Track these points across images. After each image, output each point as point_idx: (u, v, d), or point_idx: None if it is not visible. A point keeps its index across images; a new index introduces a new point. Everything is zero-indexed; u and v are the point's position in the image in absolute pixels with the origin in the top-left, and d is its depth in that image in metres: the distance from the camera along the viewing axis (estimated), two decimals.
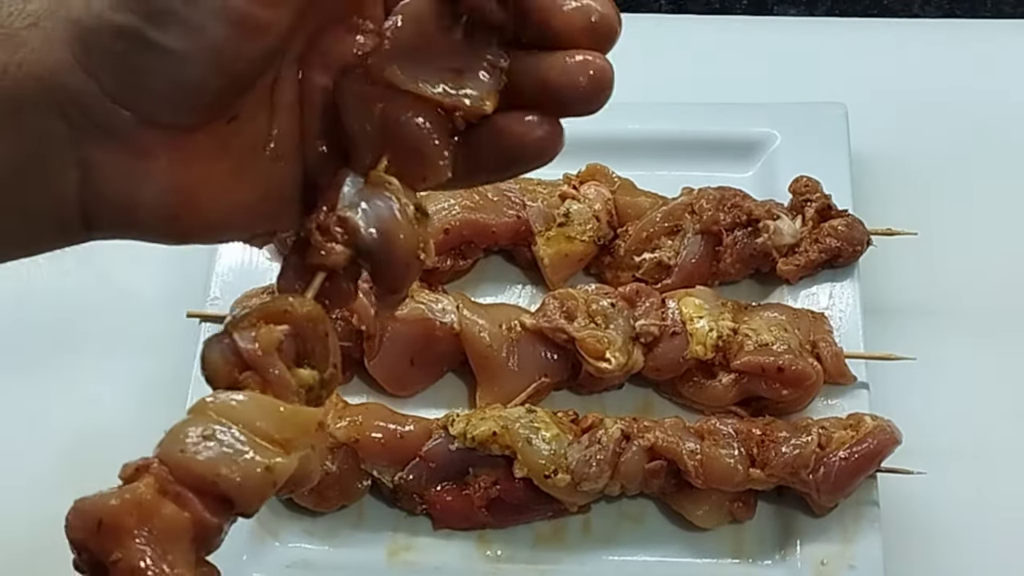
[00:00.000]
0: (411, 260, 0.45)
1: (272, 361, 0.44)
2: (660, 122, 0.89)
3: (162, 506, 0.41)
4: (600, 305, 0.78)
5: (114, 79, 0.42)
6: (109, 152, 0.43)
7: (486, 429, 0.74)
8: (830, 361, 0.77)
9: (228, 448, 0.42)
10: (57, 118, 0.42)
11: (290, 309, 0.44)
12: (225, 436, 0.42)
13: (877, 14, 1.04)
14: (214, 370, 0.45)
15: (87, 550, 0.41)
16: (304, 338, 0.45)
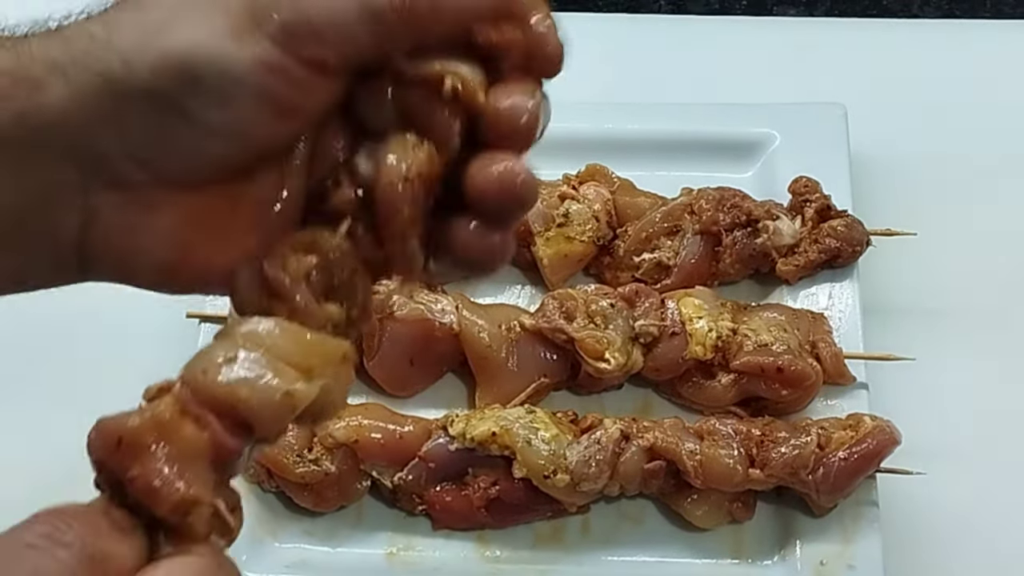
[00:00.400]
0: (401, 207, 0.44)
1: (300, 290, 0.43)
2: (659, 122, 0.89)
3: (182, 426, 0.41)
4: (599, 305, 0.78)
5: (139, 140, 0.41)
6: (116, 203, 0.43)
7: (485, 429, 0.74)
8: (829, 361, 0.77)
9: (249, 372, 0.41)
10: (70, 166, 0.42)
11: (319, 240, 0.44)
12: (248, 360, 0.42)
13: (876, 14, 1.03)
14: (242, 297, 0.44)
15: (106, 468, 0.41)
16: (332, 273, 0.44)
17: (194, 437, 0.41)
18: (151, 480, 0.40)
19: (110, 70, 0.40)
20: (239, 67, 0.40)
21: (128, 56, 0.40)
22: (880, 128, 0.91)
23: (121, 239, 0.43)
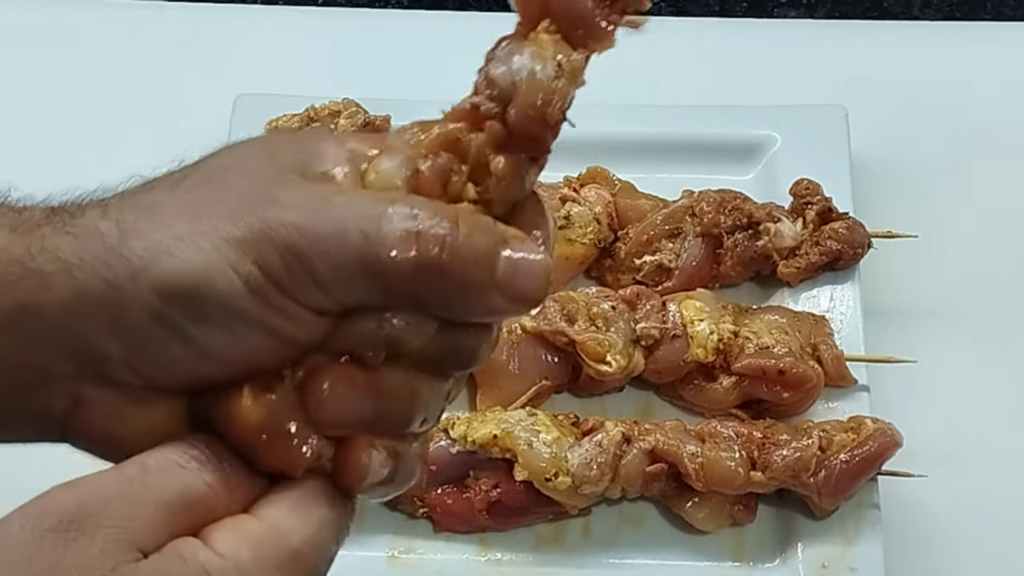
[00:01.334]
0: (535, 113, 0.45)
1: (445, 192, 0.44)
2: (660, 125, 0.89)
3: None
4: (601, 308, 0.78)
5: (137, 351, 0.41)
6: (106, 397, 0.43)
7: (487, 432, 0.74)
8: (831, 364, 0.77)
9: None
10: (66, 359, 0.42)
11: (460, 136, 0.45)
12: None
13: (877, 16, 1.03)
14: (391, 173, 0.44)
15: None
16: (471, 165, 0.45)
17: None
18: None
19: (117, 281, 0.41)
20: (242, 303, 0.40)
21: (136, 272, 0.40)
22: (881, 130, 0.91)
23: (107, 426, 0.44)
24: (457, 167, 0.45)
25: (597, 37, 0.46)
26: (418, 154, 0.44)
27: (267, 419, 0.41)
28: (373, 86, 0.88)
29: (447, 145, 0.45)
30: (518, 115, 0.45)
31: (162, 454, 0.41)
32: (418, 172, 0.44)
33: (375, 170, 0.44)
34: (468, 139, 0.45)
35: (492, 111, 0.45)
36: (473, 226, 0.42)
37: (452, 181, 0.44)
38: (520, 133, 0.45)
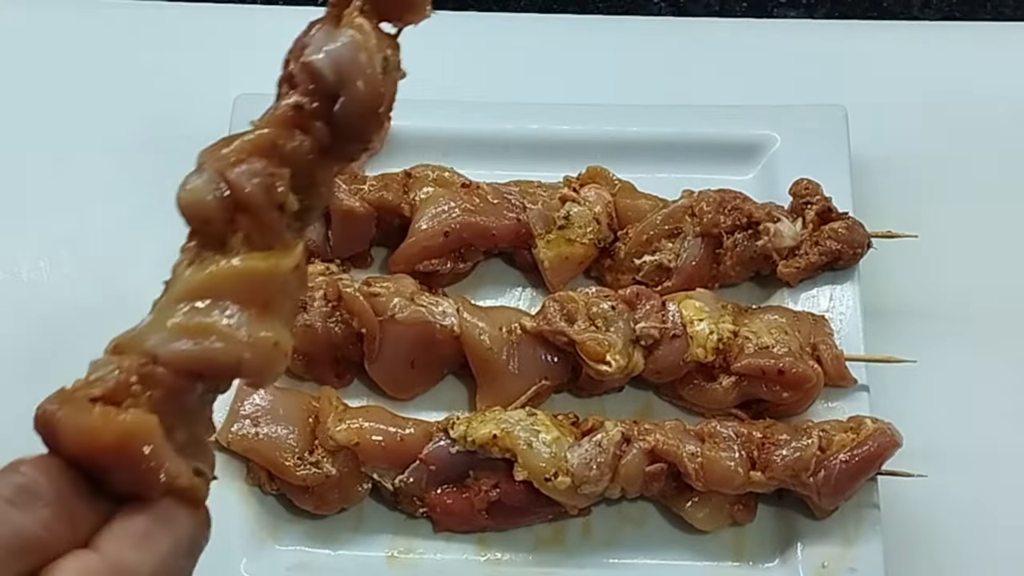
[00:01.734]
0: (368, 112, 0.43)
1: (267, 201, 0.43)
2: (660, 124, 0.89)
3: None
4: (600, 308, 0.78)
5: None
6: None
7: (486, 432, 0.74)
8: (830, 364, 0.77)
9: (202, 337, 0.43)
10: None
11: (279, 143, 0.43)
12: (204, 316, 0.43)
13: (877, 16, 1.03)
14: (205, 212, 0.44)
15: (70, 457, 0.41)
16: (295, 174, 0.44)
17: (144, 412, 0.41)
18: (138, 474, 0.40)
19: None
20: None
21: None
22: (881, 130, 0.91)
23: None
24: (278, 171, 0.43)
25: (412, 8, 0.44)
26: (228, 165, 0.43)
27: (123, 439, 0.40)
28: None
29: (263, 151, 0.43)
30: (348, 114, 0.43)
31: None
32: (230, 183, 0.43)
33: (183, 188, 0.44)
34: (292, 144, 0.44)
35: (316, 110, 0.43)
36: None
37: (273, 188, 0.43)
38: (348, 132, 0.44)
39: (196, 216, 0.44)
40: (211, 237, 0.44)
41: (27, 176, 0.92)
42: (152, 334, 0.43)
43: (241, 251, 0.44)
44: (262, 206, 0.43)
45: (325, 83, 0.43)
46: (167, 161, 0.90)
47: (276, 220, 0.44)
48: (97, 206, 0.90)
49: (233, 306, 0.43)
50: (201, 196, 0.44)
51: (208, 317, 0.43)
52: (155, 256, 0.88)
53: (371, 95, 0.43)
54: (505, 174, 0.85)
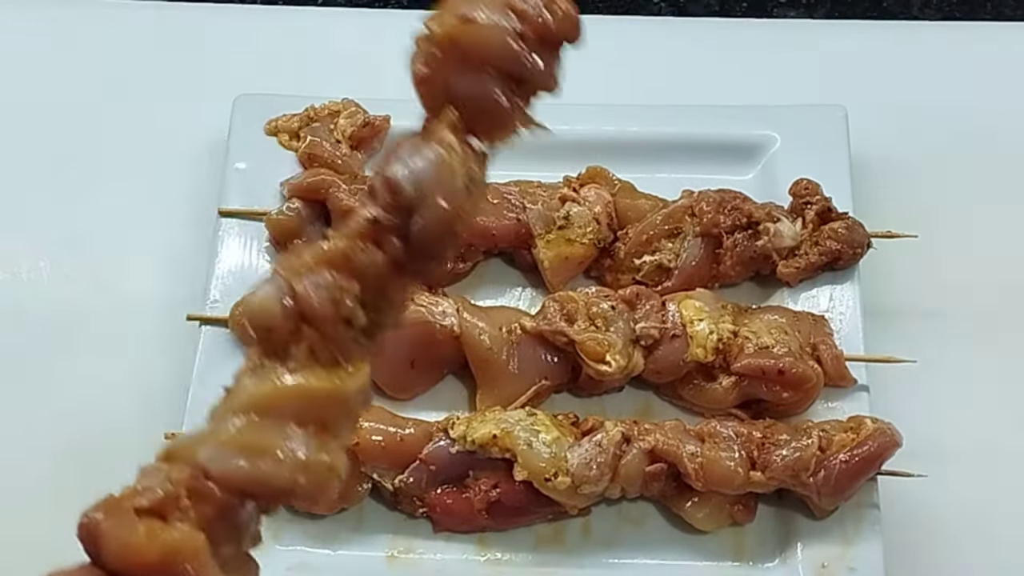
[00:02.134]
0: (446, 231, 0.42)
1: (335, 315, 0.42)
2: (660, 124, 0.89)
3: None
4: (600, 308, 0.78)
5: None
6: None
7: (486, 432, 0.74)
8: (830, 364, 0.77)
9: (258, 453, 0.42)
10: None
11: (351, 255, 0.42)
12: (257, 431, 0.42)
13: (877, 16, 1.03)
14: (268, 320, 0.42)
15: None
16: (366, 290, 0.43)
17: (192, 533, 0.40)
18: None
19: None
20: None
21: None
22: (881, 130, 0.91)
23: None
24: (347, 285, 0.42)
25: (502, 126, 0.44)
26: (297, 275, 0.42)
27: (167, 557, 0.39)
28: (373, 86, 0.88)
29: (335, 263, 0.43)
30: (426, 232, 0.42)
31: None
32: (297, 293, 0.42)
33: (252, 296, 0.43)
34: (364, 259, 0.43)
35: (393, 225, 0.42)
36: None
37: (341, 302, 0.42)
38: (423, 250, 0.43)
39: (260, 324, 0.43)
40: (274, 346, 0.43)
41: (27, 176, 0.92)
42: (206, 446, 0.42)
43: (304, 364, 0.43)
44: (328, 319, 0.42)
45: (405, 199, 0.42)
46: (167, 161, 0.91)
47: (342, 334, 0.43)
48: (97, 206, 0.90)
49: (292, 425, 0.42)
50: (267, 304, 0.42)
51: (266, 436, 0.42)
52: (155, 256, 0.89)
53: (450, 215, 0.42)
54: (505, 174, 0.85)
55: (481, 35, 0.42)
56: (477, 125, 0.43)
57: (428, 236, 0.42)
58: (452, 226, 0.42)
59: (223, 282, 0.83)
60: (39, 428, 0.81)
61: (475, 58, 0.42)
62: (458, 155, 0.43)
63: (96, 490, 0.42)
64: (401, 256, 0.43)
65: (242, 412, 0.42)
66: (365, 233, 0.43)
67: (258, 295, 0.43)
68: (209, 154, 0.88)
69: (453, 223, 0.42)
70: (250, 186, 0.85)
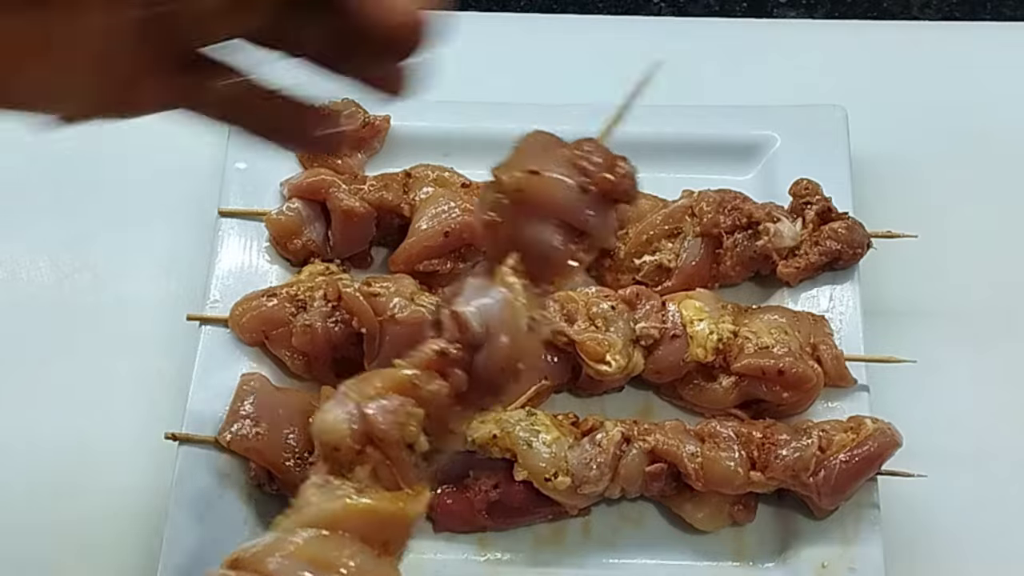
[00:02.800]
0: (509, 367, 0.45)
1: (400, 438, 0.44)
2: (660, 125, 0.89)
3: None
4: (600, 308, 0.78)
5: None
6: None
7: (486, 432, 0.74)
8: (830, 364, 0.77)
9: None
10: None
11: (418, 383, 0.45)
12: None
13: (876, 16, 1.04)
14: (337, 440, 0.45)
15: None
16: (428, 414, 0.45)
17: None
18: None
19: None
20: None
21: None
22: (881, 130, 0.91)
23: None
24: (413, 411, 0.45)
25: (562, 274, 0.46)
26: (367, 398, 0.45)
27: None
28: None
29: (403, 390, 0.45)
30: (489, 369, 0.45)
31: None
32: (366, 416, 0.44)
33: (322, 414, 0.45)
34: (431, 388, 0.45)
35: (459, 359, 0.45)
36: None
37: (407, 425, 0.44)
38: (486, 383, 0.45)
39: (328, 442, 0.45)
40: (340, 464, 0.45)
41: (27, 176, 0.92)
42: (275, 556, 0.43)
43: (367, 484, 0.45)
44: (393, 443, 0.44)
45: (472, 335, 0.45)
46: (167, 161, 0.91)
47: (405, 458, 0.45)
48: (97, 206, 0.90)
49: (357, 543, 0.44)
50: (336, 424, 0.45)
51: (334, 551, 0.43)
52: (155, 256, 0.89)
53: (514, 352, 0.45)
54: None
55: (548, 188, 0.44)
56: (538, 270, 0.46)
57: (492, 371, 0.45)
58: (515, 363, 0.45)
59: (223, 282, 0.83)
60: (39, 428, 0.81)
61: (540, 209, 0.45)
62: (521, 297, 0.45)
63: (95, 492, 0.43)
64: (464, 387, 0.45)
65: (313, 526, 0.44)
66: (433, 363, 0.45)
67: (329, 415, 0.45)
68: (209, 154, 0.88)
69: (516, 360, 0.45)
70: (250, 186, 0.85)
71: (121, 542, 0.75)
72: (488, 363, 0.45)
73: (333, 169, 0.84)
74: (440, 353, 0.45)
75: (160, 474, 0.74)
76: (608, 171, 0.45)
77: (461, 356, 0.45)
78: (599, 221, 0.46)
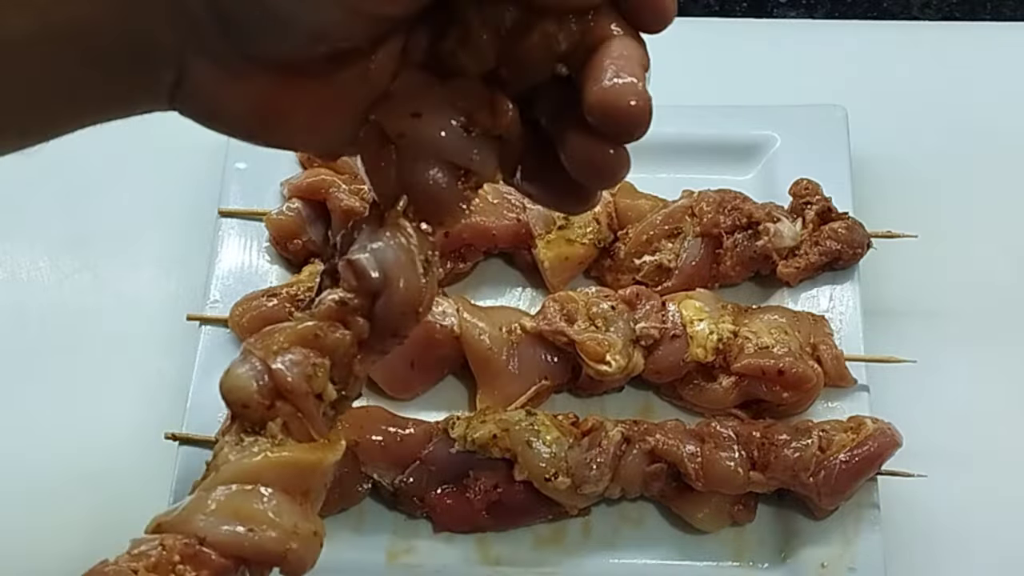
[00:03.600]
0: (408, 310, 0.45)
1: (309, 390, 0.45)
2: (660, 125, 0.87)
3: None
4: (600, 308, 0.78)
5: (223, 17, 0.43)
6: (206, 68, 0.44)
7: (486, 432, 0.74)
8: (830, 364, 0.77)
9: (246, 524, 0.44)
10: (167, 27, 0.43)
11: (321, 334, 0.45)
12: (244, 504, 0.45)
13: (876, 16, 1.04)
14: (245, 397, 0.45)
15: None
16: (336, 366, 0.46)
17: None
18: None
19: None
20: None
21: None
22: (881, 130, 0.91)
23: (210, 96, 0.45)
24: (319, 362, 0.45)
25: (452, 215, 0.47)
26: (271, 353, 0.45)
27: None
28: None
29: (306, 342, 0.45)
30: (388, 313, 0.45)
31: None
32: (272, 371, 0.45)
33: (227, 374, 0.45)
34: (333, 337, 0.45)
35: (359, 306, 0.45)
36: None
37: (314, 376, 0.45)
38: (386, 328, 0.45)
39: (236, 401, 0.46)
40: (251, 421, 0.46)
41: (27, 175, 0.92)
42: (199, 515, 0.44)
43: (281, 438, 0.45)
44: (302, 394, 0.45)
45: (368, 282, 0.45)
46: (167, 161, 0.91)
47: (314, 408, 0.45)
48: (97, 206, 0.90)
49: (280, 494, 0.45)
50: (243, 382, 0.45)
51: (259, 503, 0.44)
52: (155, 256, 0.89)
53: (412, 295, 0.45)
54: None
55: (429, 130, 0.45)
56: (426, 212, 0.46)
57: (391, 315, 0.45)
58: (414, 306, 0.45)
59: (223, 282, 0.83)
60: (39, 428, 0.81)
61: (424, 151, 0.45)
62: (414, 239, 0.45)
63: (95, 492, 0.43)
64: (365, 333, 0.46)
65: (232, 483, 0.45)
66: (334, 313, 0.46)
67: (233, 373, 0.46)
68: (209, 154, 0.88)
69: (414, 303, 0.45)
70: (250, 186, 0.85)
71: (122, 542, 0.75)
72: (387, 308, 0.45)
73: (333, 169, 0.84)
74: (339, 303, 0.45)
75: (160, 474, 0.74)
76: (489, 108, 0.45)
77: (360, 304, 0.45)
78: (483, 159, 0.46)
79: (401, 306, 0.45)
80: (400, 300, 0.45)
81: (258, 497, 0.44)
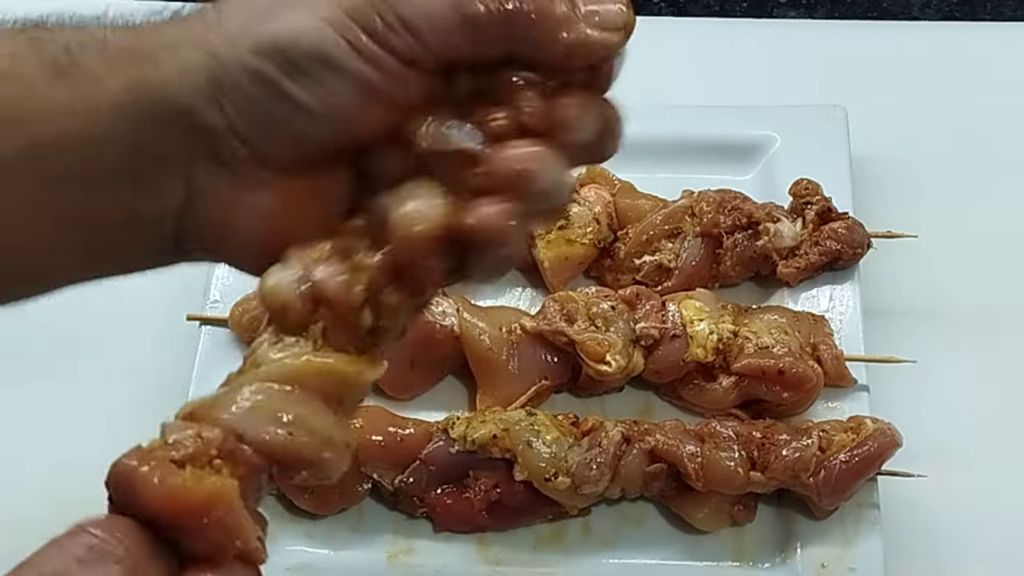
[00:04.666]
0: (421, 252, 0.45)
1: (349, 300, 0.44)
2: (660, 125, 0.89)
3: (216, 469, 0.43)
4: (600, 308, 0.78)
5: (241, 117, 0.43)
6: (218, 178, 0.45)
7: (486, 432, 0.74)
8: (830, 364, 0.77)
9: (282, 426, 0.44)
10: (176, 136, 0.44)
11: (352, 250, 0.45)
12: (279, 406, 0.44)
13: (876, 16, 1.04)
14: (286, 300, 0.44)
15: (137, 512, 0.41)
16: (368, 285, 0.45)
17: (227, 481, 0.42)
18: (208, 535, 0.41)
19: (215, 49, 0.43)
20: (333, 50, 0.42)
21: (234, 37, 0.43)
22: (881, 130, 0.91)
23: (220, 215, 0.45)
24: (356, 276, 0.45)
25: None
26: (313, 261, 0.45)
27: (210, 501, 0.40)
28: None
29: (344, 254, 0.45)
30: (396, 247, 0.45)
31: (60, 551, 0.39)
32: (314, 278, 0.44)
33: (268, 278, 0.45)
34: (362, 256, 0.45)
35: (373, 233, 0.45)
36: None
37: (352, 289, 0.45)
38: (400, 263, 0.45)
39: (275, 304, 0.45)
40: (290, 325, 0.45)
41: None
42: (238, 410, 0.43)
43: (321, 343, 0.45)
44: (342, 303, 0.44)
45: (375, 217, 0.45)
46: None
47: (354, 321, 0.45)
48: None
49: (318, 402, 0.44)
50: (285, 286, 0.45)
51: (300, 408, 0.44)
52: None
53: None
54: None
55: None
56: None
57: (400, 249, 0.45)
58: (426, 252, 0.45)
59: (223, 282, 0.83)
60: (38, 429, 0.81)
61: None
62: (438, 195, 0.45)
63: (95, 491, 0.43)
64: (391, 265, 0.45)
65: (273, 382, 0.44)
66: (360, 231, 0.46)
67: (275, 276, 0.45)
68: None
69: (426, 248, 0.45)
70: None
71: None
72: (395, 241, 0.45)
73: None
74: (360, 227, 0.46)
75: None
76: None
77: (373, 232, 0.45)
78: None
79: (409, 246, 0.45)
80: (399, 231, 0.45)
81: (299, 401, 0.44)
